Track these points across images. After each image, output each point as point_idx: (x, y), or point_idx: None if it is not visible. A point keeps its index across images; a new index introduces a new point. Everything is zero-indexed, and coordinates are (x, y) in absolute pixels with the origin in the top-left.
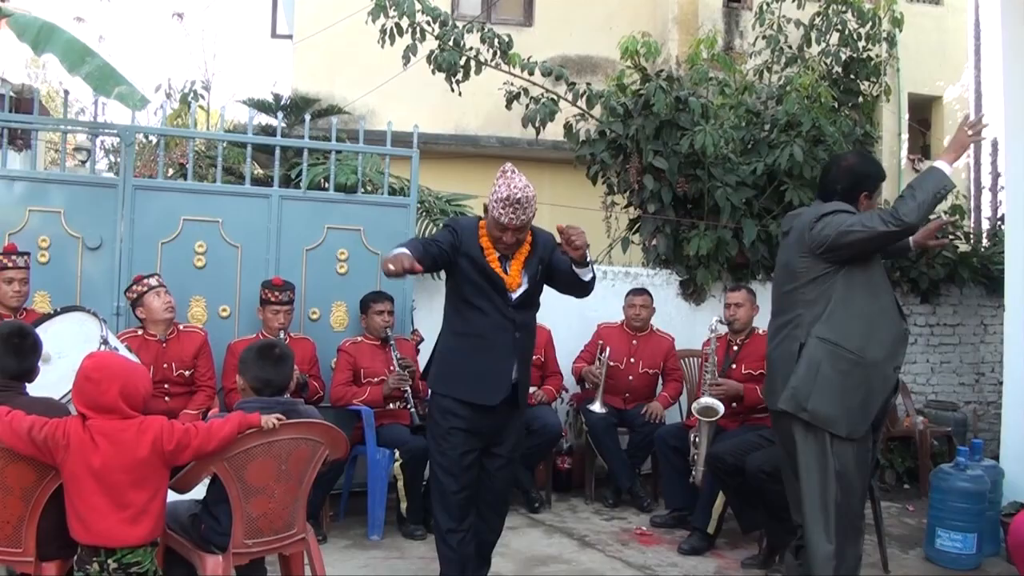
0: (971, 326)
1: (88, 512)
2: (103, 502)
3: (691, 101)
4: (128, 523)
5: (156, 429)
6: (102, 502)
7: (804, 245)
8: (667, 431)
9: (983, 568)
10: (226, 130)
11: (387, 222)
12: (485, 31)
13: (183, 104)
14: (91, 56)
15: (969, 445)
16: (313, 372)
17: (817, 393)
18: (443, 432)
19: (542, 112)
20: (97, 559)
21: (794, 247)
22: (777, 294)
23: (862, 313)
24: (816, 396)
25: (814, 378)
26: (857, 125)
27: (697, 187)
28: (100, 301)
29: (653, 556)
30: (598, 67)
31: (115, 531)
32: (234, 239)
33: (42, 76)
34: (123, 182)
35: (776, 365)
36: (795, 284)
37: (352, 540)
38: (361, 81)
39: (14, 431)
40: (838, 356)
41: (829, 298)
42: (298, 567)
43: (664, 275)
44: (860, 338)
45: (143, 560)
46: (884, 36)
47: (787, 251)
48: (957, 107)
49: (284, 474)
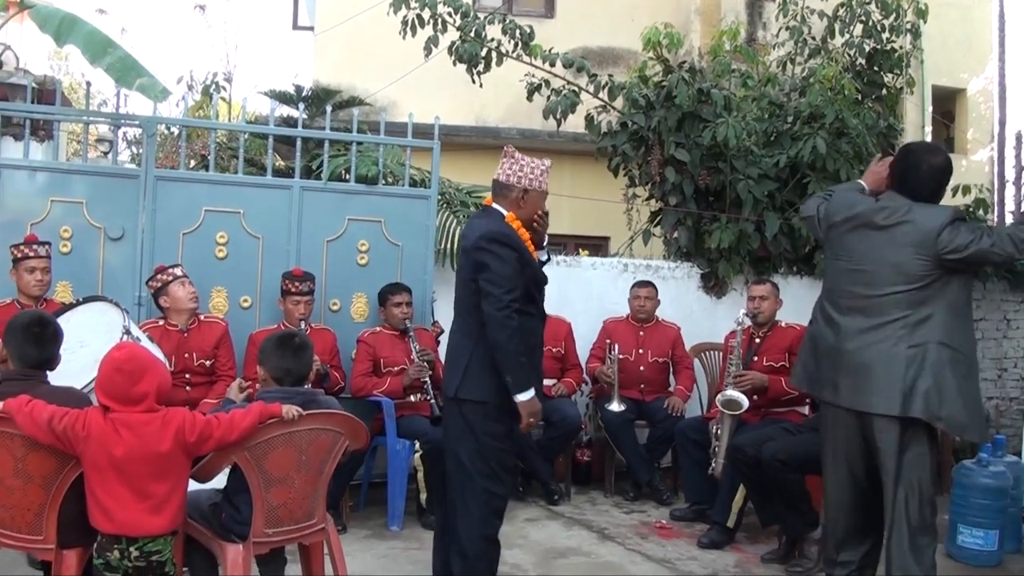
0: (994, 321)
1: (110, 502)
2: (125, 492)
3: (713, 93)
4: (150, 513)
5: (179, 421)
6: (124, 492)
7: (928, 249)
8: (687, 424)
9: (1004, 565)
10: (248, 121)
11: (408, 214)
12: (506, 22)
13: (205, 95)
14: (113, 48)
15: (992, 441)
16: (334, 363)
17: (949, 400)
18: (503, 435)
19: (563, 104)
20: (118, 547)
21: (911, 249)
22: (868, 292)
23: (968, 318)
24: (948, 403)
25: (943, 385)
26: (880, 117)
27: (719, 179)
28: (122, 291)
29: (673, 550)
30: (620, 59)
31: (137, 521)
32: (255, 230)
33: (64, 68)
34: (145, 173)
35: (875, 367)
36: (907, 287)
37: (372, 530)
38: (382, 73)
39: (34, 421)
40: (958, 362)
41: (943, 302)
42: (318, 557)
43: (685, 268)
44: (971, 343)
45: (163, 549)
46: (908, 27)
47: (897, 251)
48: (981, 100)
49: (304, 464)
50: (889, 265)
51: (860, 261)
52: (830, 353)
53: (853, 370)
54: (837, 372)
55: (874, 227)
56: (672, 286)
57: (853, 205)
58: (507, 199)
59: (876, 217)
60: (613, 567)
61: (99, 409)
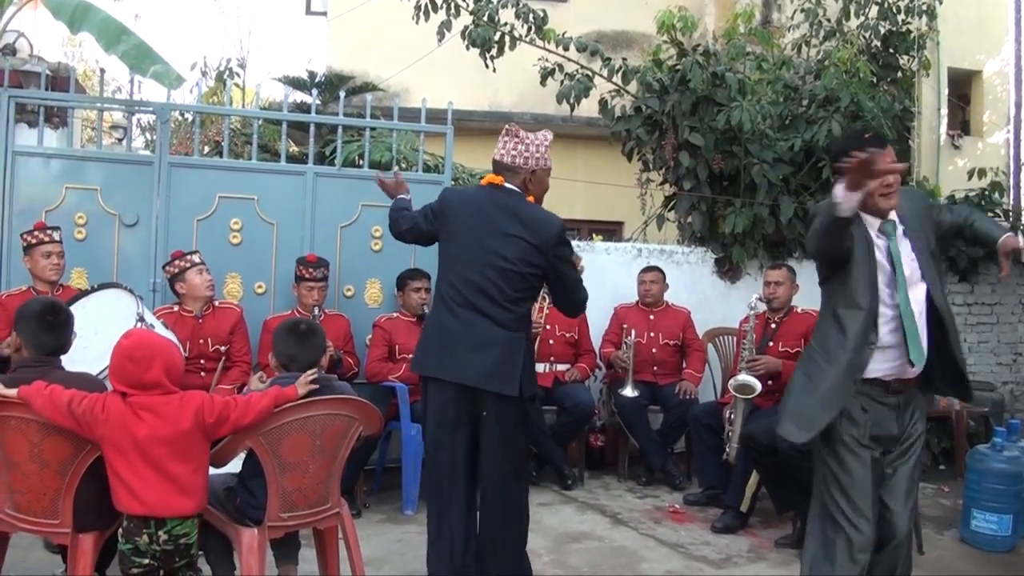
0: (1009, 305)
1: (137, 483)
2: (151, 473)
3: (728, 76)
4: (177, 494)
5: (198, 402)
6: (150, 473)
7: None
8: (701, 410)
9: (1018, 549)
10: (261, 108)
11: (422, 199)
12: (520, 6)
13: (219, 82)
14: (127, 35)
15: (1006, 426)
16: (347, 349)
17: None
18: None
19: (577, 88)
20: (147, 531)
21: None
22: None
23: None
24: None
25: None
26: (896, 100)
27: (733, 164)
28: (136, 278)
29: (686, 534)
30: (634, 42)
31: (166, 501)
32: (269, 216)
33: (79, 55)
34: (159, 159)
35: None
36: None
37: (386, 515)
38: (395, 58)
39: (54, 404)
40: None
41: None
42: (332, 541)
43: (699, 253)
44: None
45: (191, 532)
46: (924, 9)
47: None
48: (997, 82)
49: (318, 449)
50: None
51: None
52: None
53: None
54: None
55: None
56: (686, 271)
57: None
58: (515, 180)
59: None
60: (626, 552)
61: (117, 394)
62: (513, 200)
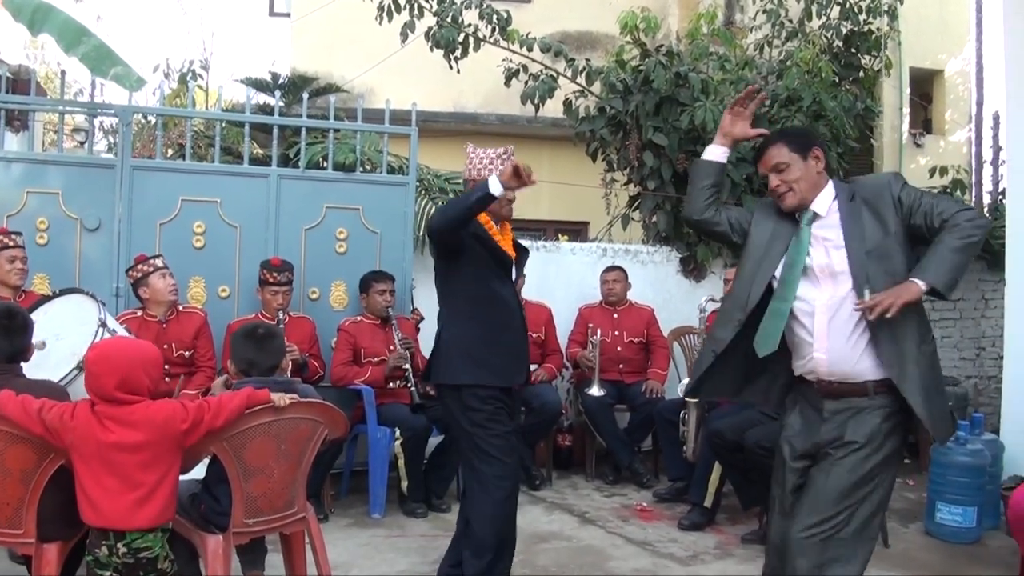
0: (972, 300)
1: (98, 494)
2: (114, 483)
3: (691, 77)
4: (137, 505)
5: (168, 410)
6: (113, 483)
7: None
8: (665, 406)
9: (983, 541)
10: (224, 109)
11: (386, 201)
12: (483, 7)
13: (181, 84)
14: (87, 36)
15: (970, 419)
16: (313, 352)
17: None
18: (489, 415)
19: (541, 89)
20: (107, 543)
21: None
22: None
23: None
24: None
25: None
26: (858, 100)
27: None
28: (99, 283)
29: (653, 532)
30: (598, 43)
31: (124, 514)
32: (233, 219)
33: (40, 57)
34: (121, 163)
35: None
36: None
37: (354, 519)
38: (360, 59)
39: (26, 411)
40: None
41: None
42: (299, 546)
43: (664, 252)
44: None
45: (153, 545)
46: (885, 9)
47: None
48: (959, 81)
49: (283, 453)
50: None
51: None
52: None
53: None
54: None
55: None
56: (651, 270)
57: None
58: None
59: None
60: (594, 550)
61: (87, 402)
62: None
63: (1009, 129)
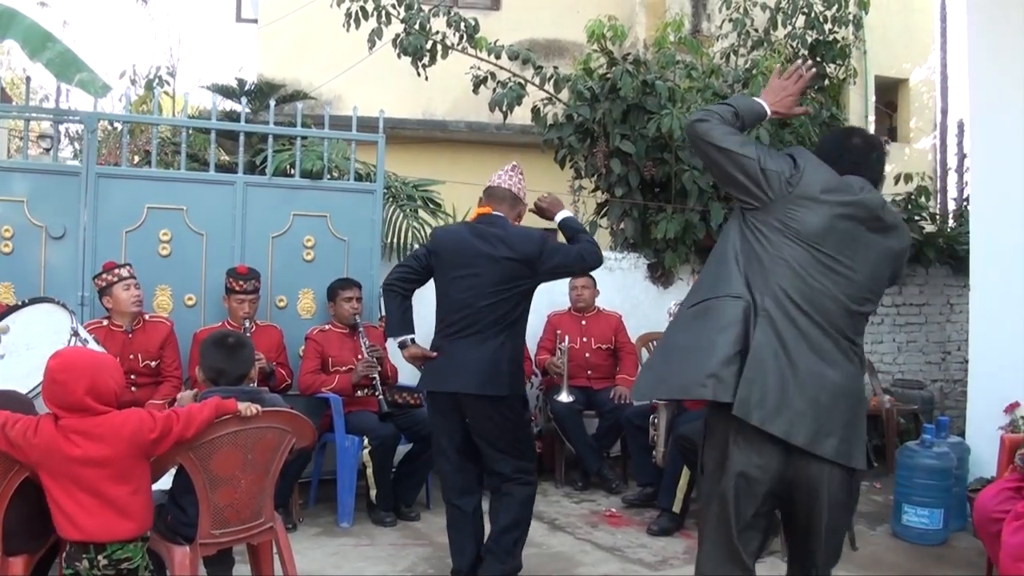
0: (937, 306)
1: (74, 509)
2: (87, 498)
3: (658, 85)
4: (116, 517)
5: (135, 421)
6: (86, 499)
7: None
8: (633, 412)
9: (949, 543)
10: (191, 116)
11: (354, 208)
12: (451, 15)
13: (148, 90)
14: (52, 42)
15: (935, 423)
16: (280, 360)
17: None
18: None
19: (509, 96)
20: (87, 555)
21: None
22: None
23: None
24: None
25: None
26: (824, 108)
27: (664, 171)
28: (64, 291)
29: (622, 537)
30: (566, 51)
31: (104, 526)
32: (199, 227)
33: (6, 63)
34: (86, 170)
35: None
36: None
37: (322, 528)
38: (327, 66)
39: None
40: None
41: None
42: (266, 556)
43: (632, 259)
44: None
45: (134, 556)
46: (850, 19)
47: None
48: (924, 89)
49: (250, 463)
50: (875, 279)
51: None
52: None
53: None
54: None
55: (874, 226)
56: (619, 276)
57: (844, 184)
58: (513, 211)
59: (881, 212)
60: (563, 557)
61: (50, 417)
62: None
63: (973, 137)
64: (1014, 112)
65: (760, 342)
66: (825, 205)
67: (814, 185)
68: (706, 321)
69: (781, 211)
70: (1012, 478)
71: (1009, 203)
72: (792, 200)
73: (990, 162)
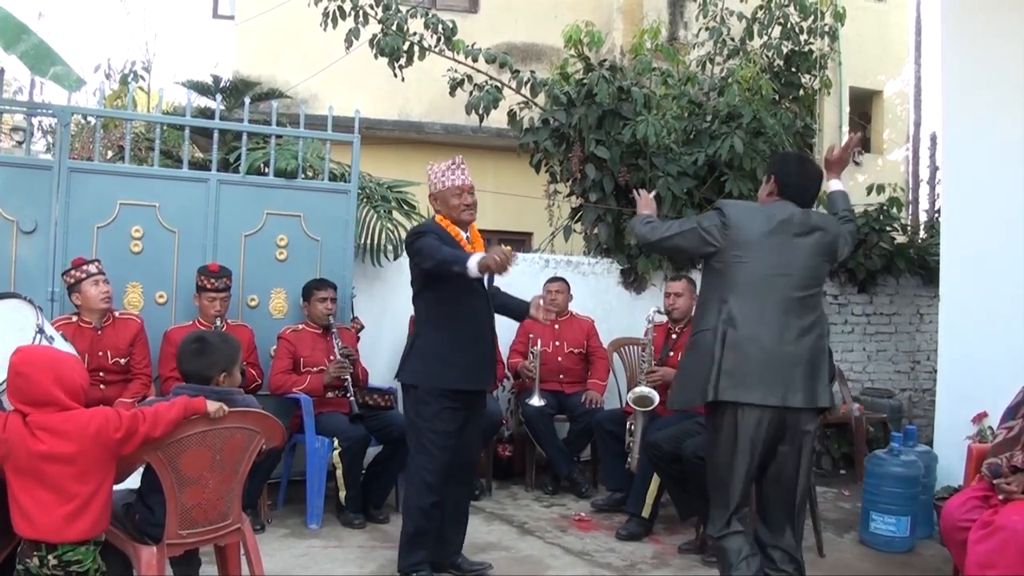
0: (907, 315)
1: (32, 505)
2: (47, 496)
3: (634, 91)
4: (70, 518)
5: (101, 419)
6: (46, 496)
7: (833, 256)
8: (605, 416)
9: (916, 550)
10: (165, 112)
11: (327, 208)
12: (429, 16)
13: (122, 85)
14: (27, 34)
15: (903, 431)
16: (251, 360)
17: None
18: (435, 413)
19: (486, 99)
20: (38, 553)
21: (823, 254)
22: (792, 294)
23: None
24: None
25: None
26: (798, 118)
27: (639, 177)
28: (35, 286)
29: (591, 542)
30: (543, 55)
31: (56, 527)
32: (171, 224)
33: None
34: (58, 164)
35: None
36: (816, 289)
37: (291, 529)
38: (304, 65)
39: None
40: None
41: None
42: (234, 558)
43: (605, 264)
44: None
45: (84, 559)
46: (826, 30)
47: (811, 256)
48: (898, 101)
49: (218, 464)
50: (808, 270)
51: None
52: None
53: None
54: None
55: (800, 231)
56: (592, 281)
57: (770, 211)
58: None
59: (805, 220)
60: (532, 560)
61: (17, 414)
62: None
63: (946, 149)
64: (985, 125)
65: (732, 341)
66: (758, 232)
67: (745, 222)
68: (696, 351)
69: (730, 246)
70: (979, 487)
71: (979, 215)
72: (733, 237)
73: (960, 174)
